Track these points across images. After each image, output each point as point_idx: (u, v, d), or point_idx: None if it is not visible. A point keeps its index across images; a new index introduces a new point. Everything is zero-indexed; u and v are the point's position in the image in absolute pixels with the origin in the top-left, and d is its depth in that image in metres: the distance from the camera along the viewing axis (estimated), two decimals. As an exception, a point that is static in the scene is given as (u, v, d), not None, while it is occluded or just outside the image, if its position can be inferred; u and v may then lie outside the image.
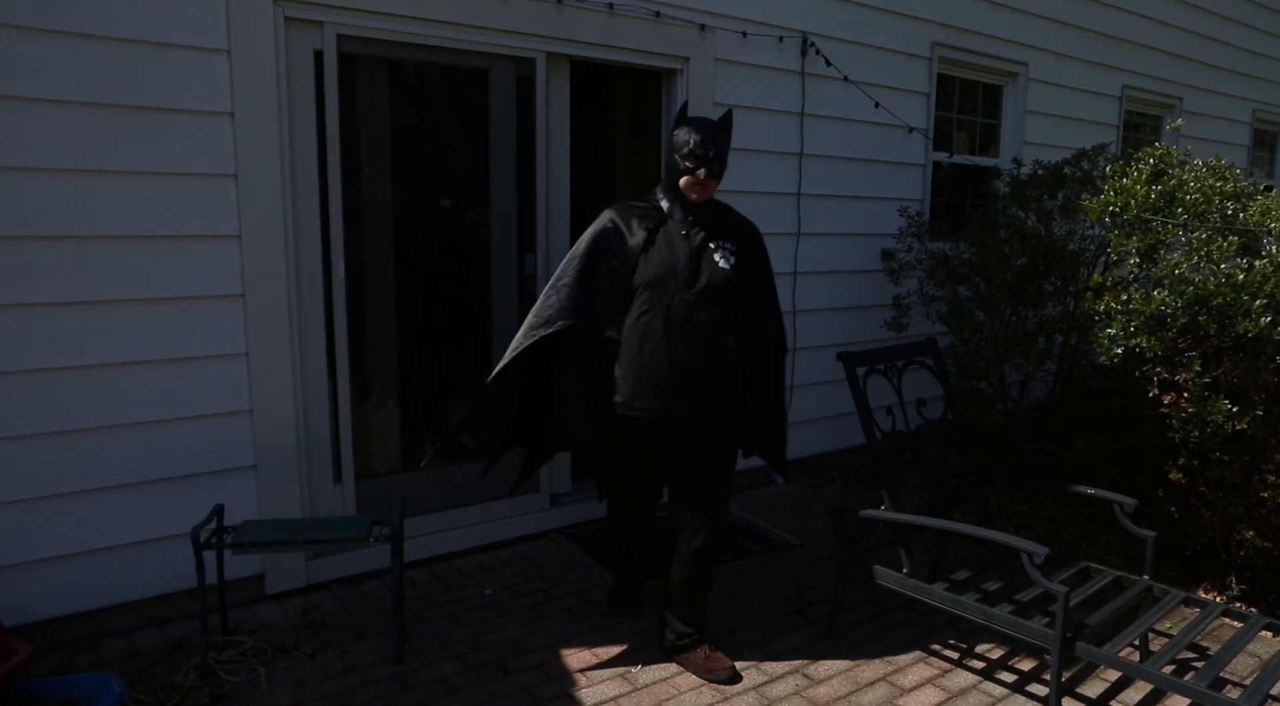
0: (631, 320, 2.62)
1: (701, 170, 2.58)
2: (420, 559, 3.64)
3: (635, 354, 2.62)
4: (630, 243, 2.63)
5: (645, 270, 2.61)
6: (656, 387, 2.62)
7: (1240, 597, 3.43)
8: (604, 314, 2.64)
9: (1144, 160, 3.57)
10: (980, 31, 5.26)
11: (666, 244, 2.63)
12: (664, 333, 2.59)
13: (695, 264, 2.62)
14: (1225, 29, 7.22)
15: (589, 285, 2.64)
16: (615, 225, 2.68)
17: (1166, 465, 3.40)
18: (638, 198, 2.79)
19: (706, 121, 2.63)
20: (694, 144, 2.56)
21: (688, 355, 2.61)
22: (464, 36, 3.45)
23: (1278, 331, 3.01)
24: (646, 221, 2.66)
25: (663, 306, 2.60)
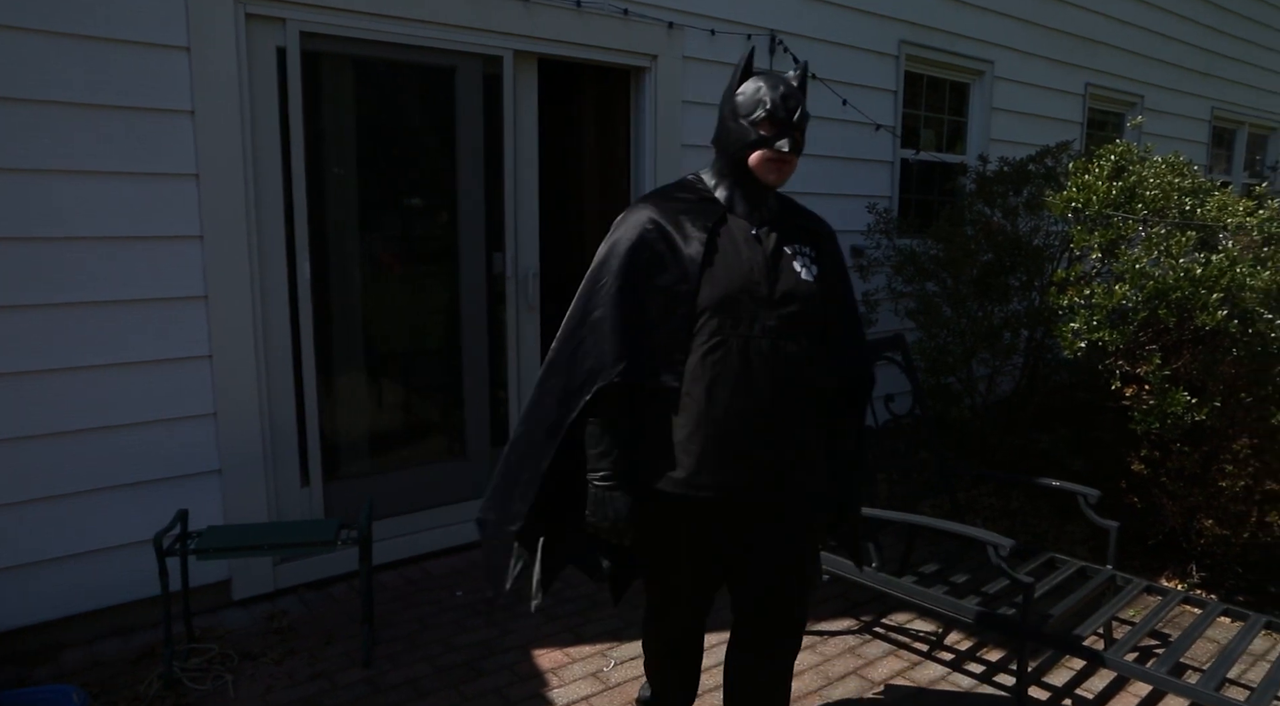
0: (695, 361, 1.83)
1: (785, 141, 1.84)
2: (391, 561, 3.61)
3: (703, 408, 1.82)
4: (686, 250, 1.84)
5: (712, 288, 1.83)
6: (734, 456, 1.84)
7: (1200, 584, 3.50)
8: (655, 354, 1.84)
9: (1105, 157, 3.63)
10: (947, 30, 5.31)
11: (733, 249, 1.87)
12: (743, 375, 1.82)
13: (774, 275, 1.88)
14: (1184, 28, 7.34)
15: (633, 315, 1.84)
16: (658, 226, 1.87)
17: (1129, 456, 3.46)
18: (677, 186, 2.01)
19: (784, 76, 1.91)
20: (773, 104, 1.82)
21: (776, 406, 1.85)
22: (431, 34, 3.42)
23: (1234, 324, 3.07)
24: (702, 219, 1.89)
25: (739, 337, 1.82)
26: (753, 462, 1.85)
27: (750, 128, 1.86)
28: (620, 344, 1.82)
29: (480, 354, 3.82)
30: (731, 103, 1.91)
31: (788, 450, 1.89)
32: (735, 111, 1.89)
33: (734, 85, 1.92)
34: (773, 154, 1.86)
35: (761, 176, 1.89)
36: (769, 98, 1.84)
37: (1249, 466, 3.28)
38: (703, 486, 1.85)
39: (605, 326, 1.83)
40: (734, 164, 1.91)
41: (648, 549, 2.01)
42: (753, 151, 1.86)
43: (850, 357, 2.05)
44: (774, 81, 1.87)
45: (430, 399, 3.79)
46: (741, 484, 1.86)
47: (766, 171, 1.88)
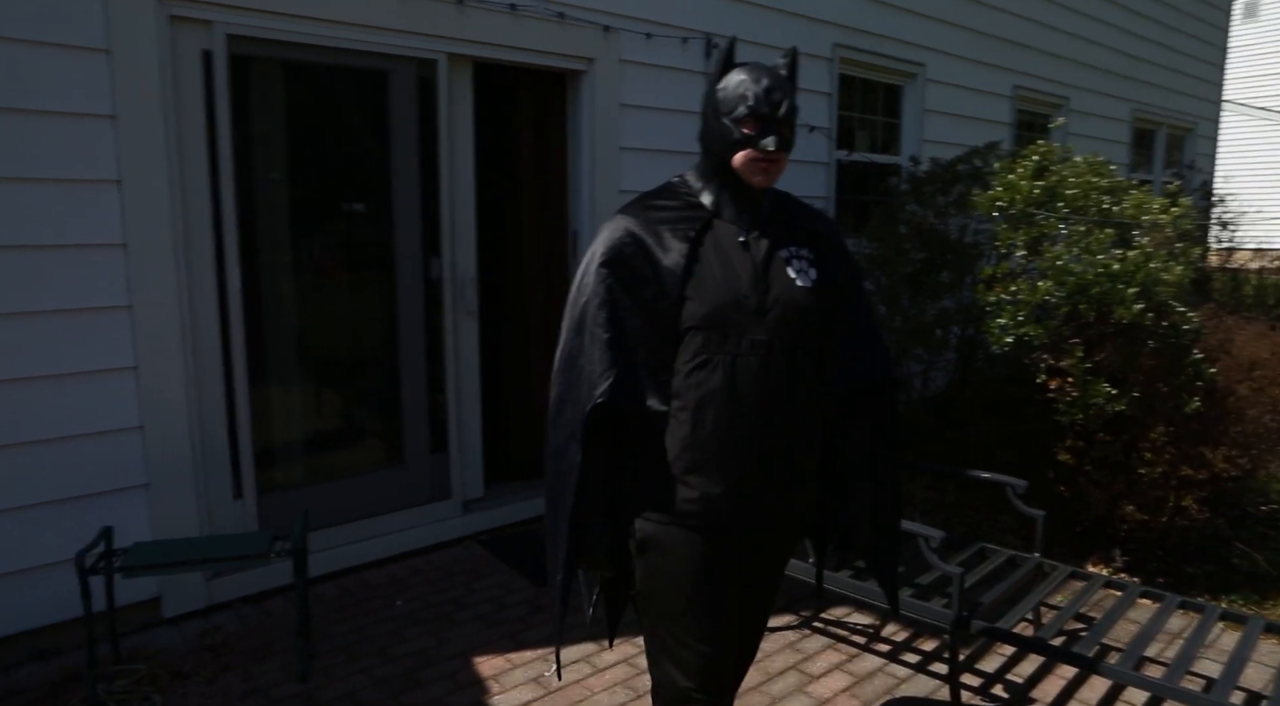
0: (680, 380, 1.70)
1: (770, 139, 1.68)
2: (329, 572, 3.55)
3: (689, 432, 1.70)
4: (665, 262, 1.70)
5: (695, 302, 1.69)
6: (724, 481, 1.72)
7: (1124, 568, 3.62)
8: (640, 376, 1.71)
9: (1028, 157, 3.74)
10: (879, 33, 5.42)
11: (720, 259, 1.72)
12: (730, 395, 1.69)
13: (764, 284, 1.72)
14: (1107, 33, 7.60)
15: (619, 335, 1.71)
16: (635, 238, 1.73)
17: (1056, 447, 3.57)
18: (660, 191, 1.83)
19: (769, 67, 1.75)
20: (756, 98, 1.67)
21: (767, 428, 1.72)
22: (362, 37, 3.38)
23: (1149, 317, 3.19)
24: (684, 227, 1.73)
25: (725, 355, 1.68)
26: (742, 483, 1.72)
27: (733, 126, 1.69)
28: (606, 362, 1.68)
29: (418, 360, 3.78)
30: (713, 99, 1.73)
31: (780, 475, 1.75)
32: (717, 108, 1.72)
33: (715, 79, 1.74)
34: (758, 154, 1.69)
35: (748, 178, 1.73)
36: (751, 92, 1.67)
37: (1166, 453, 3.41)
38: (691, 513, 1.71)
39: (595, 348, 1.69)
40: (719, 165, 1.75)
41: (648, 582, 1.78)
42: (736, 152, 1.70)
43: (865, 361, 1.84)
44: (758, 73, 1.70)
45: (367, 406, 3.74)
46: (732, 505, 1.72)
47: (752, 173, 1.72)
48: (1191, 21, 8.94)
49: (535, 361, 4.34)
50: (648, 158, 4.24)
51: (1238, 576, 3.66)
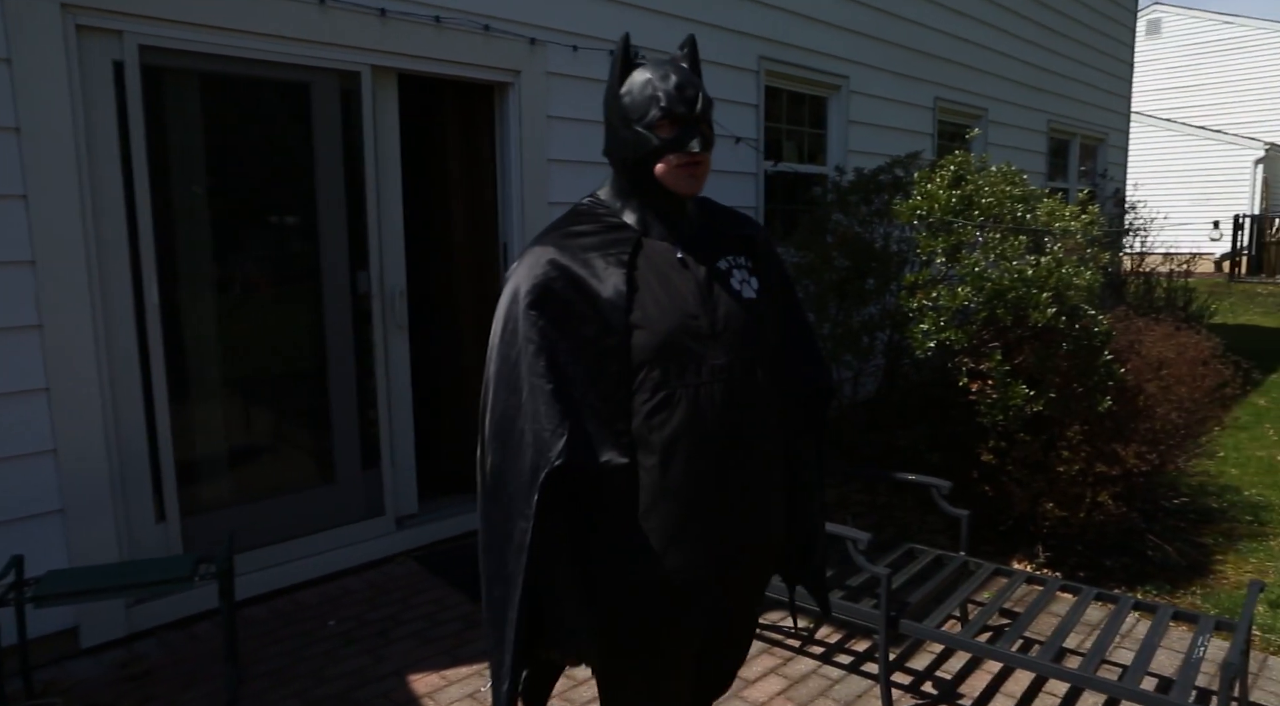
0: (638, 423, 1.49)
1: (695, 140, 1.51)
2: (259, 594, 3.47)
3: (658, 480, 1.49)
4: (603, 293, 1.49)
5: (644, 334, 1.49)
6: (704, 528, 1.53)
7: (1046, 564, 3.75)
8: (590, 428, 1.48)
9: (946, 167, 3.86)
10: (803, 46, 5.54)
11: (660, 281, 1.54)
12: (697, 432, 1.50)
13: (712, 302, 1.55)
14: (1022, 48, 7.90)
15: (559, 382, 1.47)
16: (562, 269, 1.50)
17: (979, 448, 3.68)
18: (573, 216, 1.62)
19: (670, 62, 1.60)
20: (669, 97, 1.50)
21: (742, 460, 1.55)
22: (282, 49, 3.33)
23: (1062, 320, 3.32)
24: (615, 251, 1.54)
25: (687, 387, 1.50)
26: (725, 531, 1.54)
27: (647, 133, 1.52)
28: (555, 418, 1.44)
29: (347, 375, 3.72)
30: (618, 106, 1.55)
31: (760, 511, 1.59)
32: (625, 116, 1.54)
33: (615, 84, 1.57)
34: (682, 158, 1.52)
35: (675, 187, 1.55)
36: (662, 91, 1.51)
37: (1082, 451, 3.54)
38: (672, 570, 1.51)
39: (537, 404, 1.44)
40: (637, 178, 1.56)
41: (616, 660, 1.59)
42: (657, 161, 1.52)
43: (801, 368, 1.75)
44: (663, 70, 1.54)
45: (296, 424, 3.67)
46: (716, 557, 1.54)
47: (679, 181, 1.54)
48: (1100, 38, 9.35)
49: (468, 373, 4.31)
50: (576, 169, 4.26)
51: (1151, 567, 3.81)
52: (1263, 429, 6.33)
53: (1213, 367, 4.15)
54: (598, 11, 4.32)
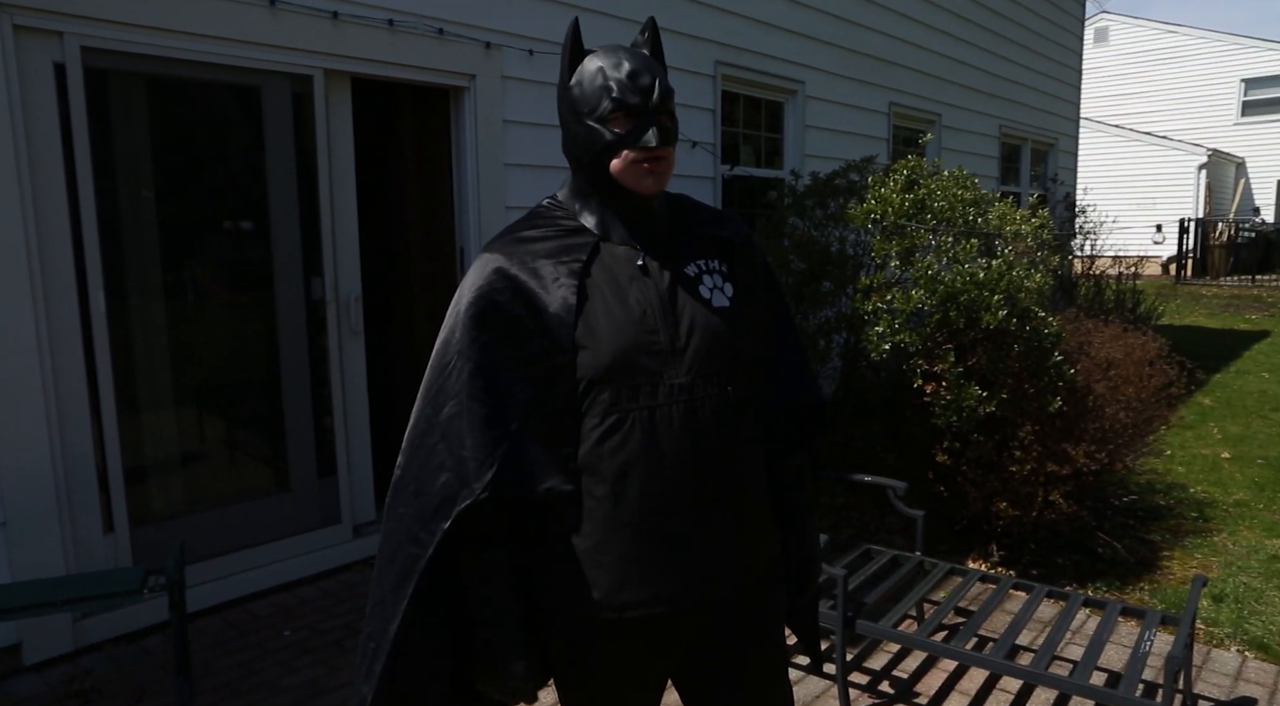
0: (589, 450, 1.36)
1: (650, 133, 1.36)
2: (212, 606, 3.40)
3: (610, 511, 1.36)
4: (551, 306, 1.37)
5: (594, 351, 1.35)
6: (660, 561, 1.38)
7: (1001, 563, 3.82)
8: (535, 452, 1.36)
9: (899, 171, 3.92)
10: (759, 51, 5.58)
11: (614, 291, 1.39)
12: (653, 458, 1.36)
13: (674, 314, 1.40)
14: (974, 55, 8.05)
15: (497, 405, 1.36)
16: (509, 279, 1.38)
17: (934, 449, 3.73)
18: (530, 219, 1.48)
19: (626, 48, 1.43)
20: (621, 86, 1.35)
21: (704, 487, 1.39)
22: (231, 52, 3.27)
23: (1013, 322, 3.38)
24: (567, 258, 1.40)
25: (641, 410, 1.36)
26: (685, 564, 1.39)
27: (600, 127, 1.37)
28: (486, 446, 1.32)
29: (302, 382, 3.67)
30: (569, 99, 1.41)
31: (731, 538, 1.43)
32: (576, 110, 1.40)
33: (565, 74, 1.42)
34: (639, 154, 1.36)
35: (633, 185, 1.39)
36: (614, 80, 1.35)
37: (1034, 451, 3.61)
38: (626, 605, 1.37)
39: (462, 425, 1.33)
40: (594, 177, 1.42)
41: (570, 696, 1.48)
42: (611, 157, 1.37)
43: (790, 382, 1.58)
44: (615, 57, 1.38)
45: (250, 432, 3.61)
46: (674, 593, 1.39)
47: (637, 179, 1.38)
48: (1050, 45, 9.55)
49: (426, 380, 4.26)
50: (533, 173, 4.25)
51: (1102, 564, 3.90)
52: (1207, 427, 6.50)
53: (1159, 368, 4.25)
54: (553, 15, 4.31)
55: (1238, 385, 8.09)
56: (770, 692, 1.53)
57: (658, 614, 1.39)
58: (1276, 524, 4.48)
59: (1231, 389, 7.91)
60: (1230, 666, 3.05)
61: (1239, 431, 6.38)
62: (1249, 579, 3.77)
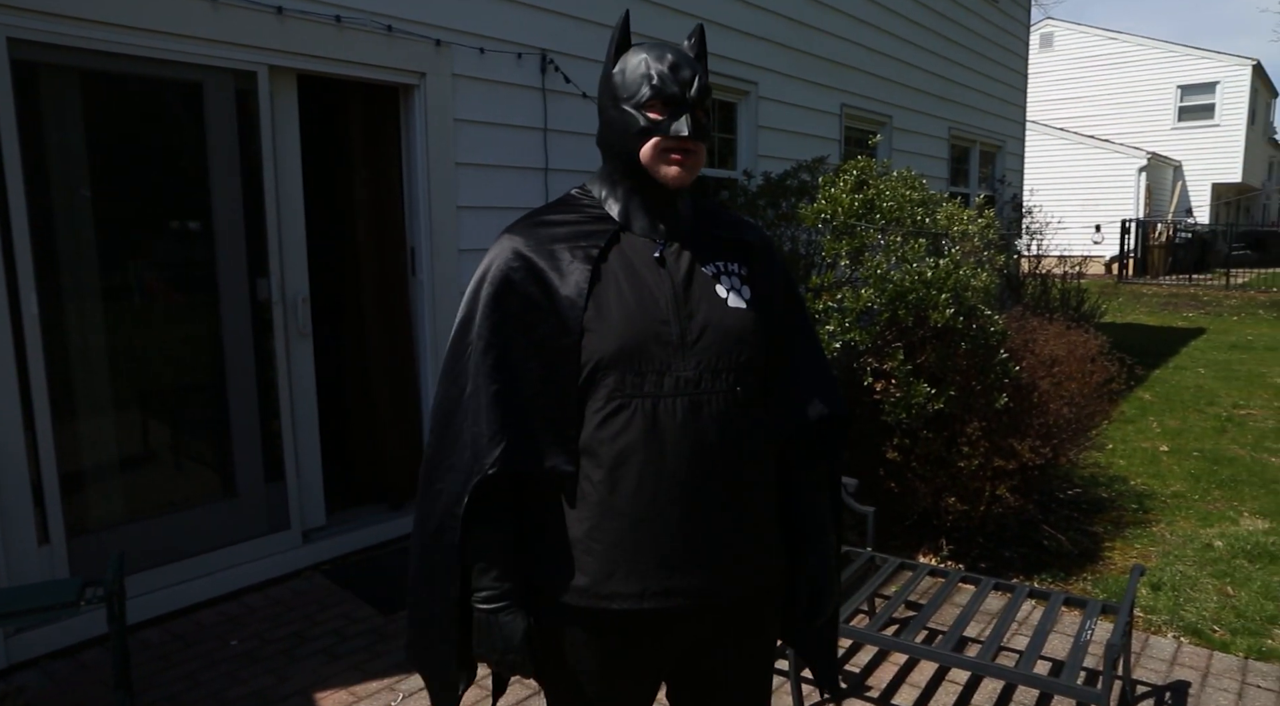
0: (590, 432, 1.38)
1: (683, 121, 1.40)
2: (155, 617, 3.32)
3: (604, 496, 1.38)
4: (563, 289, 1.40)
5: (602, 336, 1.38)
6: (651, 554, 1.38)
7: (950, 557, 3.88)
8: (540, 431, 1.40)
9: (849, 171, 3.96)
10: (713, 52, 5.60)
11: (630, 279, 1.42)
12: (653, 448, 1.37)
13: (687, 308, 1.42)
14: (924, 58, 8.18)
15: (510, 383, 1.40)
16: (525, 261, 1.42)
17: (884, 446, 3.78)
18: (557, 204, 1.52)
19: (673, 44, 1.49)
20: (660, 78, 1.41)
21: (702, 484, 1.39)
22: (172, 46, 3.19)
23: (960, 321, 3.44)
24: (585, 244, 1.44)
25: (645, 399, 1.37)
26: (676, 561, 1.38)
27: (636, 113, 1.41)
28: (495, 423, 1.37)
29: (248, 385, 3.59)
30: (610, 85, 1.46)
31: (724, 539, 1.41)
32: (615, 96, 1.44)
33: (610, 63, 1.47)
34: (668, 142, 1.40)
35: (659, 174, 1.42)
36: (655, 70, 1.41)
37: (981, 446, 3.68)
38: (613, 595, 1.38)
39: (481, 401, 1.38)
40: (624, 165, 1.45)
41: (554, 683, 1.49)
42: (643, 143, 1.41)
43: (810, 393, 1.53)
44: (661, 51, 1.44)
45: (194, 437, 3.52)
46: (663, 589, 1.38)
47: (664, 166, 1.41)
48: (997, 49, 9.76)
49: (377, 380, 4.21)
50: (485, 173, 4.21)
51: (1047, 556, 3.99)
52: (1147, 422, 6.69)
53: (1100, 364, 4.37)
54: (505, 14, 4.29)
55: (1176, 380, 8.34)
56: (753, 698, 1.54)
57: (645, 609, 1.38)
58: (1210, 514, 4.63)
59: (1170, 384, 8.15)
60: (1167, 652, 3.13)
61: (1176, 425, 6.57)
62: (1185, 567, 3.89)
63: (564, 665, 1.45)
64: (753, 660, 1.52)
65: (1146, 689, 2.89)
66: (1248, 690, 2.88)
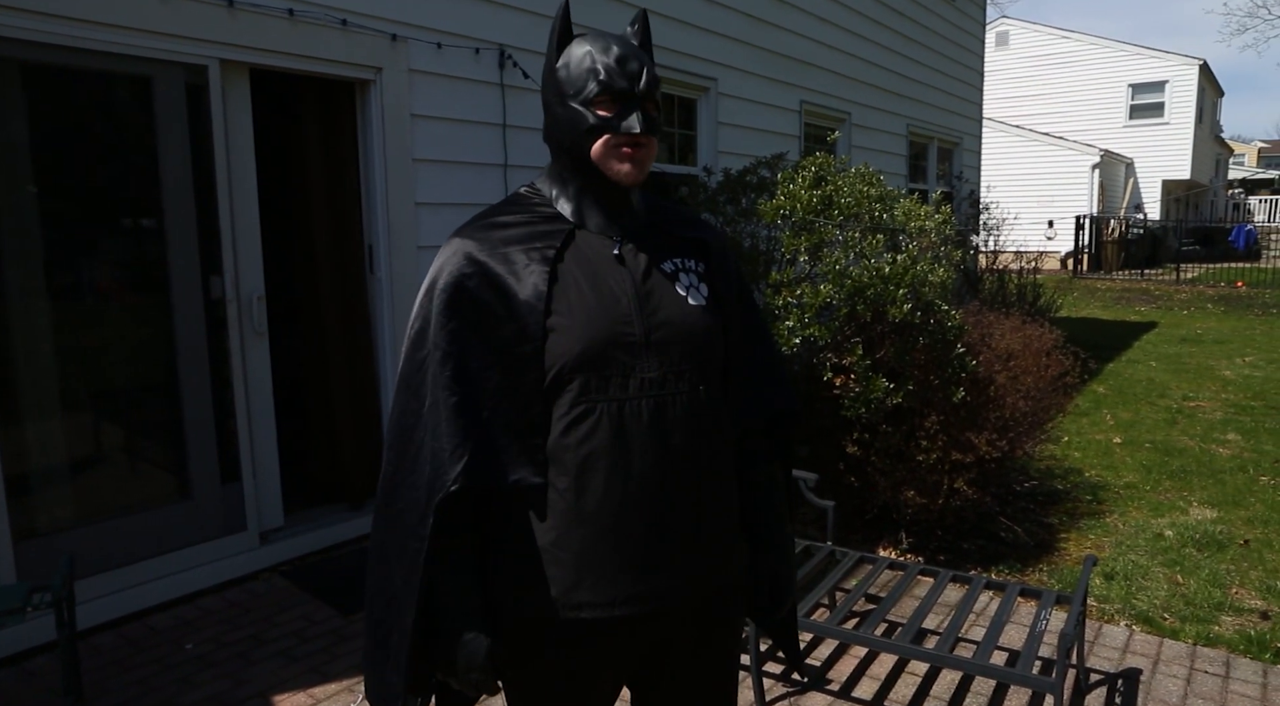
0: (554, 439, 1.34)
1: (634, 117, 1.36)
2: (107, 621, 3.25)
3: (571, 504, 1.34)
4: (521, 293, 1.34)
5: (566, 338, 1.33)
6: (620, 561, 1.35)
7: (910, 549, 3.93)
8: (504, 442, 1.35)
9: (807, 168, 3.99)
10: (673, 48, 5.61)
11: (589, 279, 1.38)
12: (619, 452, 1.33)
13: (648, 306, 1.39)
14: (883, 55, 8.26)
15: (471, 393, 1.34)
16: (479, 265, 1.36)
17: (844, 440, 3.82)
18: (506, 204, 1.47)
19: (617, 35, 1.44)
20: (609, 70, 1.36)
21: (670, 487, 1.36)
22: (118, 39, 3.12)
23: (918, 316, 3.48)
24: (540, 245, 1.39)
25: (609, 402, 1.33)
26: (645, 565, 1.35)
27: (584, 109, 1.36)
28: (457, 436, 1.31)
29: (202, 386, 3.53)
30: (554, 80, 1.40)
31: (695, 542, 1.39)
32: (560, 92, 1.39)
33: (552, 56, 1.41)
34: (620, 139, 1.36)
35: (611, 172, 1.38)
36: (601, 64, 1.35)
37: (939, 440, 3.73)
38: (582, 605, 1.34)
39: (438, 415, 1.32)
40: (574, 162, 1.40)
41: (519, 691, 1.44)
42: (593, 140, 1.37)
43: (764, 390, 1.55)
44: (604, 42, 1.38)
45: (147, 438, 3.45)
46: (633, 595, 1.35)
47: (616, 164, 1.37)
48: (954, 48, 9.88)
49: (335, 379, 4.15)
50: (443, 169, 4.18)
51: (1004, 548, 4.05)
52: (1101, 414, 6.84)
53: (1055, 358, 4.45)
54: (463, 9, 4.25)
55: (1129, 373, 8.53)
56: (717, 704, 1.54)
57: (615, 617, 1.35)
58: (1162, 504, 4.74)
59: (1123, 377, 8.33)
60: (1120, 640, 3.21)
61: (1129, 417, 6.72)
62: (1137, 557, 3.98)
63: (529, 675, 1.41)
64: (718, 655, 1.51)
65: (1100, 676, 2.95)
66: (1196, 675, 2.96)
